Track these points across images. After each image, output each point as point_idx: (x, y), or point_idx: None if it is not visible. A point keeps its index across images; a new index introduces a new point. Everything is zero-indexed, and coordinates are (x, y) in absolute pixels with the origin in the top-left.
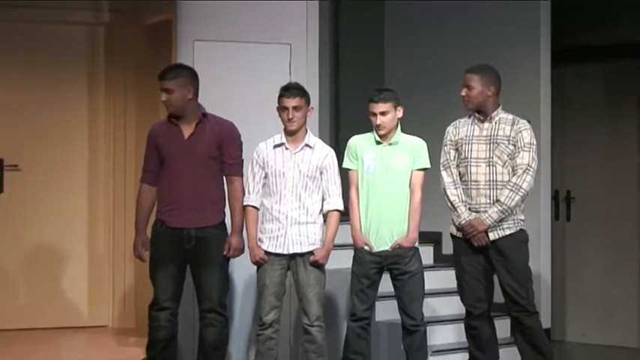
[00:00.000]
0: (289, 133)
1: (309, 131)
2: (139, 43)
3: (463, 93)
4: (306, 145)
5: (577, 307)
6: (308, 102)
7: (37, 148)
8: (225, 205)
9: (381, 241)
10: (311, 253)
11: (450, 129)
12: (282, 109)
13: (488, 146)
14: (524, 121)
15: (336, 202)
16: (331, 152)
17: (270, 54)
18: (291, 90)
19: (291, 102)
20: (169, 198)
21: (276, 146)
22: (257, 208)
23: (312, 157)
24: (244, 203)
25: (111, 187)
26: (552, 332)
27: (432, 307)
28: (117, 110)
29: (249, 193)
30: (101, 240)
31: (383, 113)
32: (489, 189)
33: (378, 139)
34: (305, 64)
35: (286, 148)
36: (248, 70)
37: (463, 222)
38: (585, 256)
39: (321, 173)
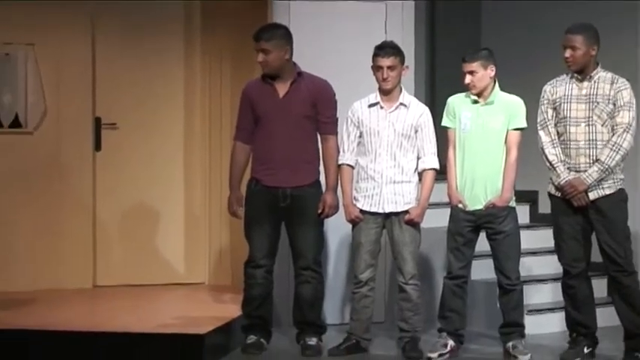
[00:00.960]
0: (384, 93)
1: (403, 90)
2: (234, 2)
3: (567, 54)
4: (401, 103)
5: None
6: (402, 61)
7: (133, 106)
8: (319, 164)
9: (475, 200)
10: (406, 211)
11: (547, 88)
12: (376, 68)
13: (587, 105)
14: (623, 79)
15: (432, 161)
16: (426, 111)
17: (365, 13)
18: (386, 49)
19: (385, 61)
20: (264, 157)
21: (370, 105)
22: (352, 167)
23: (406, 115)
24: (339, 162)
25: (207, 145)
26: None
27: (528, 266)
28: (212, 69)
29: (344, 151)
30: (197, 198)
31: (471, 72)
32: (589, 148)
33: (474, 98)
34: (401, 23)
35: (381, 107)
36: (343, 29)
37: (563, 182)
38: None
39: (416, 132)
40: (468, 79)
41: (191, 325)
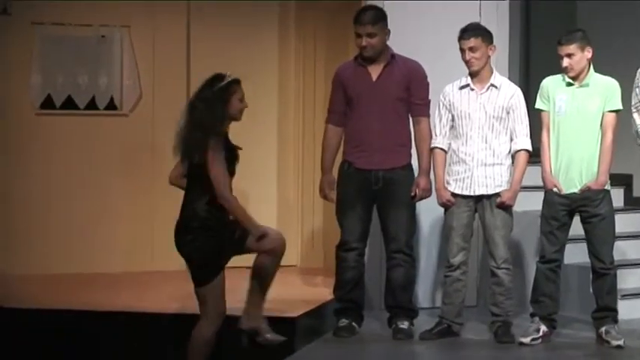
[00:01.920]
0: (472, 74)
1: (495, 71)
2: None
3: None
4: (492, 85)
5: None
6: (487, 41)
7: None
8: (411, 147)
9: (570, 183)
10: (498, 194)
11: None
12: (461, 51)
13: None
14: None
15: (524, 142)
16: (518, 91)
17: (457, 3)
18: (467, 32)
19: (467, 43)
20: (357, 139)
21: (461, 88)
22: (445, 151)
23: (497, 97)
24: (432, 145)
25: (300, 128)
26: None
27: (622, 250)
28: (307, 51)
29: (436, 135)
30: (290, 181)
31: (569, 55)
32: None
33: (569, 80)
34: (495, 6)
35: (472, 89)
36: (433, 23)
37: None
38: None
39: (508, 113)
40: (565, 62)
41: (284, 308)
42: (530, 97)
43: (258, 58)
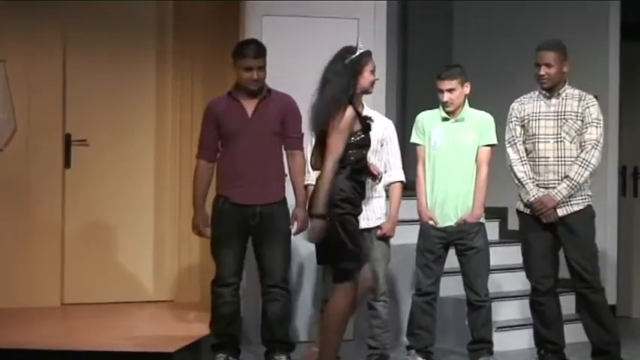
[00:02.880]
0: None
1: (365, 105)
2: (207, 19)
3: (542, 72)
4: None
5: None
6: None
7: (104, 123)
8: (285, 180)
9: (446, 217)
10: (378, 227)
11: (514, 105)
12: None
13: (556, 122)
14: (591, 96)
15: (398, 174)
16: (390, 124)
17: (337, 29)
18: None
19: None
20: (233, 174)
21: None
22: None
23: (372, 130)
24: (306, 182)
25: (177, 162)
26: (618, 309)
27: (497, 282)
28: (184, 85)
29: (309, 173)
30: (167, 215)
31: (450, 90)
32: (558, 165)
33: (445, 115)
34: (373, 40)
35: None
36: (315, 45)
37: (532, 199)
38: None
39: (382, 146)
40: (446, 96)
41: (160, 344)
42: (407, 130)
43: (136, 92)
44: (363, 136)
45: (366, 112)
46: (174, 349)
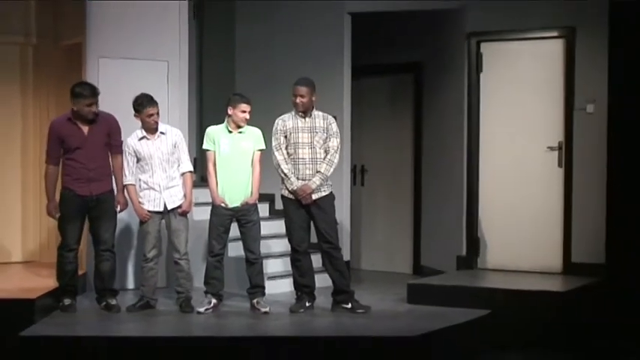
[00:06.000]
0: (147, 130)
1: (160, 123)
2: (59, 62)
3: (298, 101)
4: (161, 132)
5: (368, 244)
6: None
7: None
8: (112, 175)
9: (234, 200)
10: (179, 206)
11: (278, 121)
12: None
13: (310, 134)
14: (331, 116)
15: (188, 165)
16: (179, 131)
17: (153, 69)
18: (153, 101)
19: (154, 109)
20: (76, 174)
21: (140, 139)
22: (134, 185)
23: (167, 139)
24: (124, 183)
25: (38, 166)
26: (351, 262)
27: (268, 245)
28: (42, 115)
29: (125, 175)
30: (31, 200)
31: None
32: (312, 164)
33: (230, 129)
34: (178, 78)
35: (147, 139)
36: (136, 83)
37: (295, 187)
38: (374, 210)
39: (176, 148)
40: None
41: (25, 293)
42: (202, 139)
43: (5, 122)
44: None
45: (161, 127)
46: (36, 296)
